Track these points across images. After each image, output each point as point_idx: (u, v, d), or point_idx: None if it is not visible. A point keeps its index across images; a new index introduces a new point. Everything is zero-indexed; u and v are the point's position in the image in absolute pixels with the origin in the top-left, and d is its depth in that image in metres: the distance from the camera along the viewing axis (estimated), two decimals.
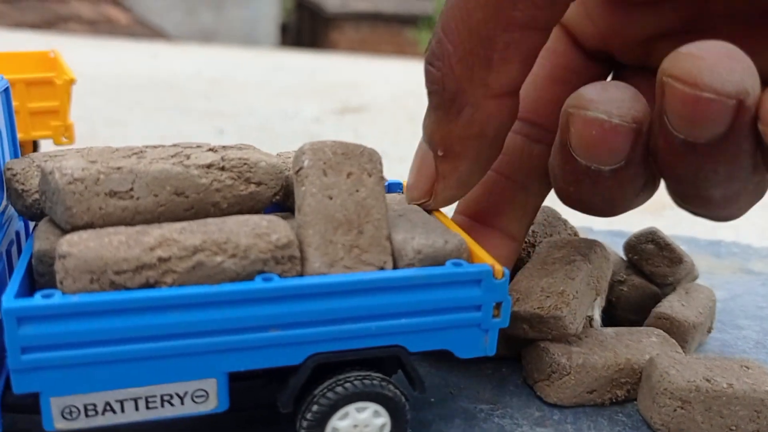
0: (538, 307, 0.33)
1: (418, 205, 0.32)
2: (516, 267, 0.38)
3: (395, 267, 0.28)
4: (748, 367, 0.33)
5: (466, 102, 0.29)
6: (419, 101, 0.38)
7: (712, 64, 0.24)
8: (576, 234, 0.42)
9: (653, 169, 0.30)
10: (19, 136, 0.50)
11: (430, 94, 0.29)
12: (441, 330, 0.28)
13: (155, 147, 0.30)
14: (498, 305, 0.29)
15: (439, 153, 0.30)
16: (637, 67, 0.35)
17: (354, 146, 0.29)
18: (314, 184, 0.28)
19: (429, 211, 0.32)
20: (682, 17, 0.32)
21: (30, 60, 0.54)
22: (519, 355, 0.36)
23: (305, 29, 5.67)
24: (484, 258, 0.29)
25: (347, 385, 0.27)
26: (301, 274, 0.27)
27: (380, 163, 0.29)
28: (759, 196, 0.31)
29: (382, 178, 0.29)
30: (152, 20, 4.13)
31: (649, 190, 0.33)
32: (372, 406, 0.28)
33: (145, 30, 3.92)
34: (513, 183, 0.35)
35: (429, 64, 0.29)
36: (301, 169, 0.28)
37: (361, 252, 0.27)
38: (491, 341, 0.29)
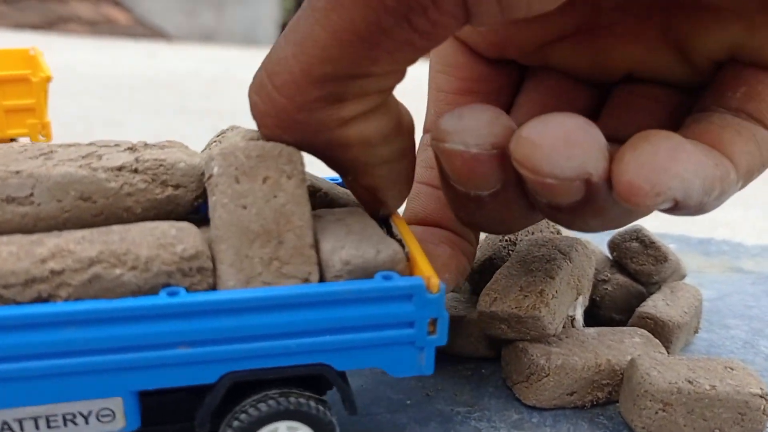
0: (516, 307, 0.33)
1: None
2: (496, 265, 0.38)
3: (322, 279, 0.26)
4: (732, 368, 0.32)
5: (323, 138, 0.26)
6: (418, 100, 0.37)
7: (549, 152, 0.23)
8: (558, 232, 0.41)
9: None
10: None
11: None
12: (370, 348, 0.26)
13: (69, 146, 0.28)
14: (433, 321, 0.26)
15: (349, 177, 0.28)
16: (542, 67, 0.34)
17: (271, 146, 0.26)
18: (225, 194, 0.25)
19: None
20: (572, 21, 0.31)
21: (9, 57, 0.53)
22: (500, 355, 0.36)
23: None
24: (425, 269, 0.26)
25: (262, 405, 0.26)
26: (213, 288, 0.25)
27: (301, 163, 0.26)
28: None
29: (304, 180, 0.26)
30: (152, 20, 4.13)
31: None
32: (295, 425, 0.26)
33: (145, 30, 3.92)
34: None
35: (262, 127, 0.26)
36: (210, 176, 0.26)
37: (282, 264, 0.25)
38: (428, 359, 0.27)
